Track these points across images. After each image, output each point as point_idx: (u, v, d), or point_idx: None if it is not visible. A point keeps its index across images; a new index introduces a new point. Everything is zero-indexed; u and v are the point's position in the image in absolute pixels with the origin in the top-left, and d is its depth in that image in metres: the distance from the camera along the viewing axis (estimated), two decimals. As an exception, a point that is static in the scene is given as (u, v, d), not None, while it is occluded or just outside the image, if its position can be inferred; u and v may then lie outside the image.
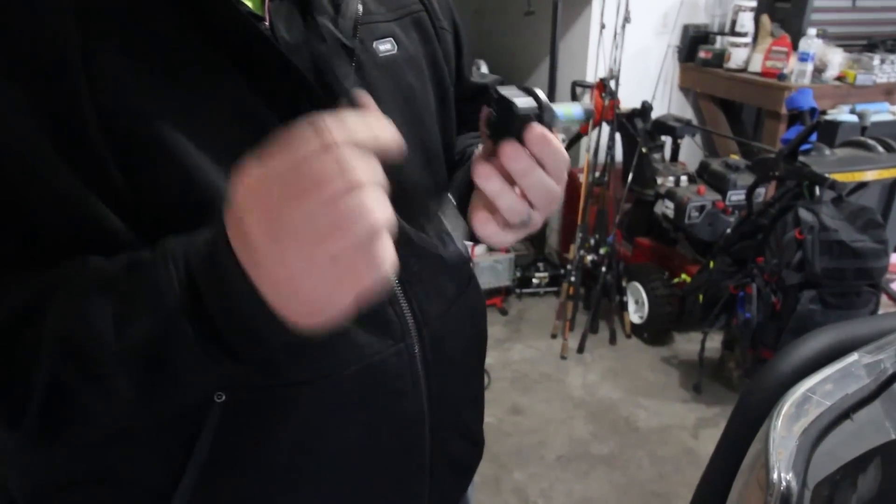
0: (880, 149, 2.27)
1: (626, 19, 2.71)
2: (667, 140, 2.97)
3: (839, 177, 2.12)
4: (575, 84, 3.13)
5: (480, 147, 0.60)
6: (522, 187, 0.51)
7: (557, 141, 0.51)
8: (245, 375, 0.53)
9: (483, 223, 0.54)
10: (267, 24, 0.55)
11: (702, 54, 3.19)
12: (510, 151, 0.49)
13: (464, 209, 0.59)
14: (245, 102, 0.52)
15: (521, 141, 0.49)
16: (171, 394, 0.48)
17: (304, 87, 0.53)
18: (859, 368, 0.78)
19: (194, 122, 0.50)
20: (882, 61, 2.94)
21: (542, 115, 0.49)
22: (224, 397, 0.54)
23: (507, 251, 3.03)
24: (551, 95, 2.71)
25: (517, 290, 3.16)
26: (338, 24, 0.58)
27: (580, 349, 2.76)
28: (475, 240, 0.62)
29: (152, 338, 0.44)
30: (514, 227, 0.54)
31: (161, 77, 0.49)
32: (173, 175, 0.49)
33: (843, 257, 2.01)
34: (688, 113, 3.40)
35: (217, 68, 0.51)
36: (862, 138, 2.36)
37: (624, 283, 2.84)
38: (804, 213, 2.05)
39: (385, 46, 0.64)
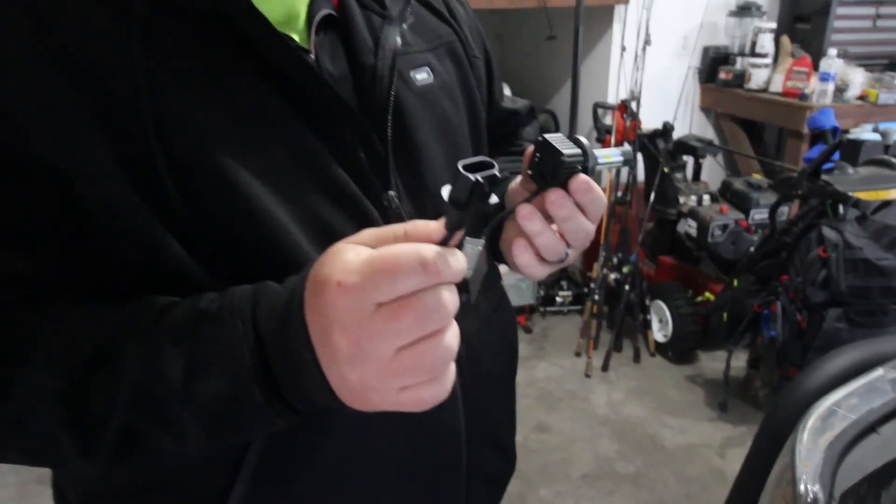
0: (904, 167, 2.24)
1: (647, 42, 2.73)
2: (689, 160, 2.95)
3: (863, 195, 2.09)
4: (597, 105, 3.14)
5: (518, 180, 0.62)
6: (562, 230, 0.53)
7: (598, 188, 0.53)
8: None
9: (521, 253, 0.54)
10: (313, 56, 0.57)
11: (722, 75, 3.17)
12: (556, 199, 0.51)
13: (495, 230, 0.62)
14: (292, 131, 0.54)
15: (566, 187, 0.50)
16: (235, 437, 0.51)
17: (348, 116, 0.55)
18: (885, 383, 0.77)
19: (250, 154, 0.51)
20: None
21: (587, 162, 0.50)
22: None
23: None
24: (573, 117, 2.72)
25: (541, 309, 3.15)
26: (377, 56, 0.60)
27: (604, 367, 2.74)
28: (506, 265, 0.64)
29: (222, 396, 0.46)
30: (549, 263, 0.55)
31: (220, 111, 0.51)
32: (233, 205, 0.50)
33: (868, 275, 1.97)
34: (709, 133, 3.38)
35: (267, 99, 0.53)
36: (885, 157, 2.33)
37: (647, 302, 2.82)
38: (828, 232, 2.02)
39: (422, 75, 0.66)
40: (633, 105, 2.75)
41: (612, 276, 2.83)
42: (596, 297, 2.78)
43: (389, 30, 0.62)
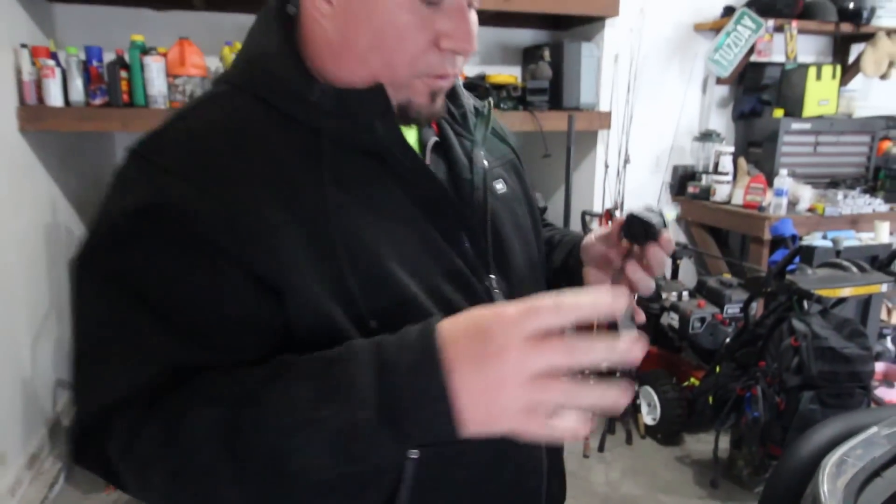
0: (854, 269, 2.45)
1: (626, 161, 2.96)
2: (667, 261, 3.15)
3: (823, 292, 2.28)
4: (584, 213, 3.36)
5: (588, 238, 0.81)
6: (653, 271, 0.70)
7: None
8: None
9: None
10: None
11: (690, 189, 3.41)
12: (656, 252, 0.70)
13: (567, 275, 0.81)
14: (421, 228, 0.65)
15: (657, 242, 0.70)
16: (352, 464, 0.52)
17: (462, 217, 0.68)
18: (881, 438, 0.91)
19: (396, 246, 0.61)
20: (845, 196, 3.17)
21: (664, 223, 0.70)
22: (417, 454, 0.60)
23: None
24: (566, 223, 2.92)
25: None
26: (473, 173, 0.73)
27: (600, 448, 2.78)
28: None
29: (343, 424, 0.49)
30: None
31: (377, 217, 0.61)
32: (388, 286, 0.59)
33: (835, 362, 2.13)
34: (682, 238, 3.57)
35: (405, 205, 0.64)
36: (838, 260, 2.55)
37: (636, 388, 2.89)
38: (798, 324, 2.19)
39: (499, 186, 0.77)
40: (617, 213, 2.94)
41: (604, 364, 2.93)
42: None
43: (477, 152, 0.74)
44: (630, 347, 0.47)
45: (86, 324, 0.59)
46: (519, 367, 0.46)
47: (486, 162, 0.75)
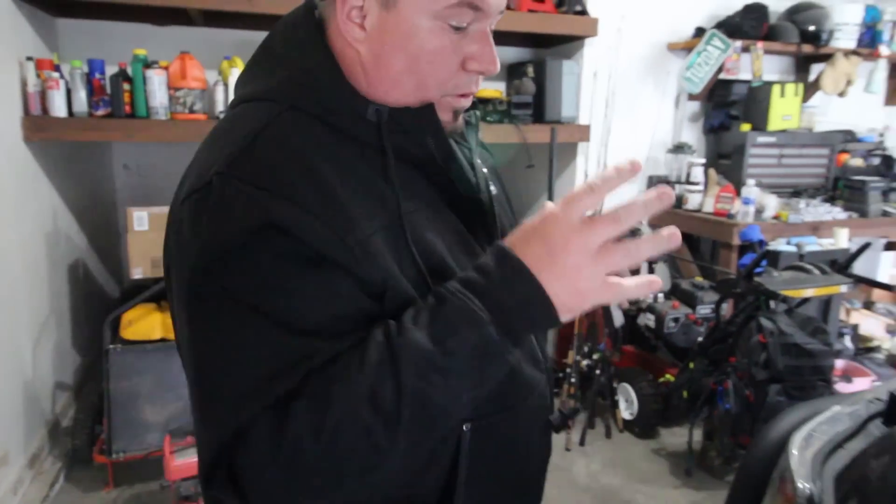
0: (816, 272, 2.59)
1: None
2: (643, 265, 3.27)
3: (788, 293, 2.42)
4: (565, 220, 3.47)
5: None
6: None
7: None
8: (483, 410, 0.65)
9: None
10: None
11: None
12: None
13: None
14: (452, 224, 0.73)
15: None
16: (485, 384, 0.59)
17: (484, 212, 0.76)
18: (843, 416, 1.01)
19: (440, 237, 0.68)
20: (807, 205, 3.31)
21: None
22: (469, 426, 0.66)
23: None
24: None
25: (522, 393, 3.28)
26: (477, 176, 0.78)
27: (581, 442, 2.87)
28: None
29: (472, 344, 0.56)
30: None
31: (429, 217, 0.69)
32: (439, 268, 0.66)
33: (799, 357, 2.25)
34: None
35: (443, 206, 0.72)
36: (801, 264, 2.68)
37: (615, 385, 2.99)
38: (765, 322, 2.31)
39: (493, 189, 0.82)
40: None
41: (585, 362, 3.00)
42: (572, 380, 2.96)
43: (476, 159, 0.79)
44: (657, 201, 0.55)
45: (208, 345, 0.59)
46: (583, 249, 0.55)
47: (486, 170, 0.83)
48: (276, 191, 0.59)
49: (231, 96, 2.71)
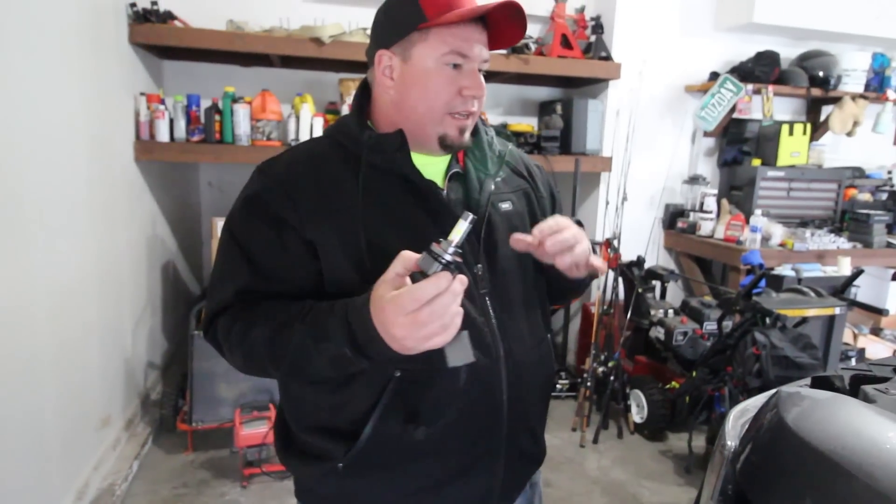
0: (812, 294, 2.68)
1: (624, 199, 3.18)
2: (657, 284, 3.33)
3: (783, 311, 2.51)
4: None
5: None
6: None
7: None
8: (412, 362, 0.76)
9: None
10: (444, 191, 0.91)
11: (680, 224, 3.59)
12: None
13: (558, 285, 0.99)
14: (421, 228, 0.85)
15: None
16: (344, 371, 0.79)
17: (455, 221, 0.74)
18: (782, 394, 1.16)
19: (400, 238, 0.78)
20: (812, 234, 3.35)
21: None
22: (399, 372, 0.84)
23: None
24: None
25: (544, 394, 3.40)
26: (481, 194, 0.91)
27: (595, 440, 2.96)
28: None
29: (333, 352, 0.76)
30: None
31: (391, 217, 0.84)
32: (381, 244, 0.81)
33: (789, 368, 2.33)
34: (671, 265, 3.75)
35: (414, 211, 0.86)
36: (799, 287, 2.77)
37: (628, 390, 3.07)
38: (759, 336, 2.40)
39: (505, 206, 0.94)
40: (615, 242, 3.11)
41: (600, 369, 3.08)
42: (588, 384, 3.07)
43: (487, 181, 0.93)
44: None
45: (218, 259, 0.91)
46: (397, 313, 0.68)
47: (492, 187, 0.94)
48: (269, 175, 0.88)
49: (302, 127, 2.99)
